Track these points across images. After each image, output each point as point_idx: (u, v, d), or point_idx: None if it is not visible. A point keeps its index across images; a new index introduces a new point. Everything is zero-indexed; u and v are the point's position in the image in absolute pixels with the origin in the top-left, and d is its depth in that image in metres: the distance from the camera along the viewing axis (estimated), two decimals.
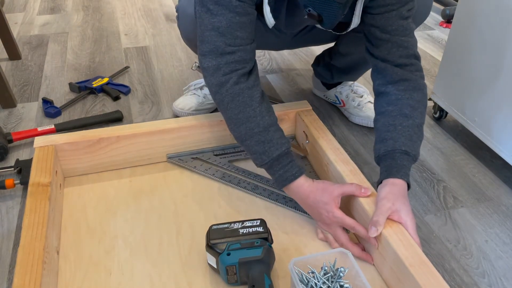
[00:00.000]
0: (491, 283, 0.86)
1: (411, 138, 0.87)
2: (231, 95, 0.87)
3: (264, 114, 0.88)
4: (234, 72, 0.87)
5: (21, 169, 1.10)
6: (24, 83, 1.56)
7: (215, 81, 0.88)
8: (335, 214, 0.82)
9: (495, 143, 1.11)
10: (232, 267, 0.74)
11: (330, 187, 0.84)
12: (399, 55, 0.92)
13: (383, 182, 0.84)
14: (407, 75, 0.92)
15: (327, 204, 0.83)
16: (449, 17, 2.04)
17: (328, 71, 1.35)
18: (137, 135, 1.02)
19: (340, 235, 0.84)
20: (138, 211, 0.94)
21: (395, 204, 0.79)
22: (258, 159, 0.89)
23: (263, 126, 0.87)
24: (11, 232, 0.96)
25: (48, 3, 2.35)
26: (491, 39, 1.08)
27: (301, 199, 0.88)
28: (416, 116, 0.90)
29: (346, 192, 0.84)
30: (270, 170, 0.89)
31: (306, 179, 0.87)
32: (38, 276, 0.68)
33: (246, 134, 0.88)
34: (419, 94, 0.93)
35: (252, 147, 0.88)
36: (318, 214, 0.86)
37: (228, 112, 0.89)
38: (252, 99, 0.88)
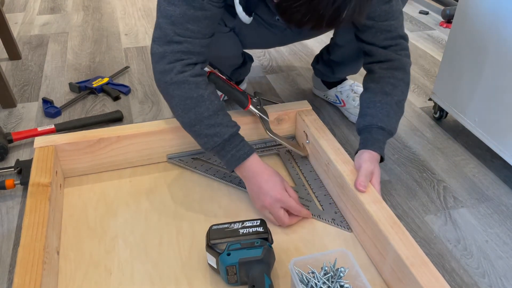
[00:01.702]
0: (491, 283, 0.86)
1: (388, 115, 0.95)
2: (175, 83, 0.89)
3: (213, 99, 0.91)
4: (178, 61, 0.88)
5: (21, 170, 1.10)
6: (24, 83, 1.56)
7: (159, 68, 0.89)
8: (286, 193, 0.88)
9: (495, 143, 1.11)
10: (232, 267, 0.74)
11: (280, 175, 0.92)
12: (383, 38, 0.98)
13: (359, 152, 0.93)
14: (391, 55, 0.99)
15: (281, 183, 0.89)
16: (449, 17, 2.04)
17: (328, 67, 1.35)
18: (137, 135, 1.02)
19: (282, 215, 0.88)
20: (138, 211, 0.94)
21: (375, 168, 0.89)
22: (209, 142, 0.90)
23: (212, 110, 0.89)
24: (11, 232, 0.96)
25: (48, 3, 2.35)
26: (491, 39, 1.08)
27: (253, 176, 0.90)
28: (395, 94, 0.97)
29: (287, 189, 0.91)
30: (222, 152, 0.91)
31: (258, 158, 0.91)
32: (38, 276, 0.68)
33: (196, 119, 0.89)
34: (400, 72, 0.99)
35: (203, 131, 0.90)
36: (264, 193, 0.88)
37: (174, 100, 0.90)
38: (198, 86, 0.89)
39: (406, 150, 1.23)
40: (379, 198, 0.83)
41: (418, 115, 1.39)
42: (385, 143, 0.95)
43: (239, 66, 1.32)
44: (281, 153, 1.11)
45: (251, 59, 1.40)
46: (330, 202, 0.96)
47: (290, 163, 1.08)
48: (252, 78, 1.60)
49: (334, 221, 0.91)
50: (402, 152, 1.22)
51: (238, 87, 1.06)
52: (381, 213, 0.80)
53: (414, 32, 2.01)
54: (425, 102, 1.46)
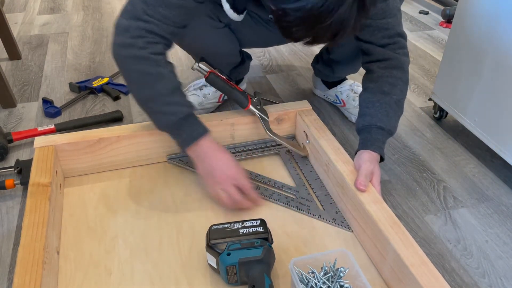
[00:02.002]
0: (491, 283, 0.86)
1: (387, 114, 0.95)
2: (135, 58, 0.88)
3: (172, 77, 0.91)
4: (141, 38, 0.88)
5: (21, 169, 1.10)
6: (24, 83, 1.56)
7: (121, 41, 0.89)
8: (240, 171, 0.91)
9: (495, 143, 1.11)
10: (232, 267, 0.74)
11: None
12: (381, 36, 0.98)
13: (359, 152, 0.93)
14: (389, 54, 0.99)
15: (235, 163, 0.92)
16: (449, 17, 2.04)
17: (328, 67, 1.35)
18: (137, 135, 1.02)
19: (235, 193, 0.90)
20: (138, 211, 0.94)
21: (374, 168, 0.90)
22: (163, 120, 0.91)
23: (170, 89, 0.90)
24: (11, 232, 0.96)
25: (48, 3, 2.35)
26: (491, 39, 1.08)
27: (207, 153, 0.91)
28: (394, 93, 0.97)
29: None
30: (177, 130, 0.91)
31: (211, 138, 0.93)
32: (38, 276, 0.68)
33: (152, 95, 0.89)
34: (399, 71, 0.99)
35: (158, 108, 0.90)
36: (219, 169, 0.90)
37: (132, 75, 0.90)
38: (158, 63, 0.89)
39: (406, 150, 1.23)
40: (379, 198, 0.83)
41: (418, 115, 1.39)
42: (384, 143, 0.95)
43: (237, 65, 1.32)
44: (281, 153, 1.11)
45: (250, 58, 1.40)
46: (331, 202, 0.96)
47: (290, 163, 1.08)
48: (252, 78, 1.60)
49: (335, 221, 0.91)
50: (402, 152, 1.22)
51: (238, 87, 1.06)
52: (381, 213, 0.80)
53: (414, 32, 2.01)
54: (425, 102, 1.46)
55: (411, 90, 1.53)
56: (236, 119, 1.08)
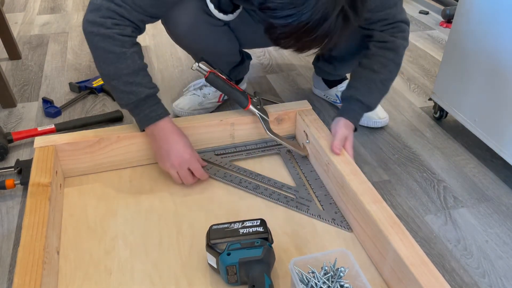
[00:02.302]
0: (491, 283, 0.86)
1: (370, 90, 1.02)
2: (102, 36, 0.90)
3: (136, 58, 0.93)
4: (111, 19, 0.90)
5: (21, 169, 1.10)
6: (24, 83, 1.56)
7: (91, 18, 0.91)
8: (193, 153, 0.96)
9: (495, 143, 1.11)
10: (232, 267, 0.74)
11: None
12: (381, 25, 1.02)
13: (336, 119, 1.02)
14: (387, 37, 1.03)
15: (191, 146, 0.96)
16: (449, 17, 2.04)
17: (329, 64, 1.34)
18: (137, 135, 1.02)
19: (188, 175, 0.96)
20: (138, 211, 0.94)
21: (349, 134, 0.98)
22: (124, 98, 0.94)
23: (133, 69, 0.92)
24: (11, 232, 0.96)
25: (48, 3, 2.35)
26: (491, 39, 1.08)
27: (164, 135, 0.95)
28: (382, 72, 1.02)
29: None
30: (136, 110, 0.95)
31: (171, 121, 0.97)
32: (38, 276, 0.68)
33: (115, 74, 0.92)
34: (392, 53, 1.03)
35: (120, 87, 0.93)
36: (175, 152, 0.94)
37: (97, 51, 0.92)
38: (123, 44, 0.91)
39: (406, 150, 1.23)
40: (379, 198, 0.83)
41: (418, 115, 1.39)
42: (361, 115, 1.04)
43: (237, 64, 1.32)
44: (282, 152, 1.11)
45: (249, 57, 1.40)
46: (331, 202, 0.96)
47: (290, 163, 1.08)
48: (252, 78, 1.60)
49: (335, 221, 0.91)
50: (402, 152, 1.22)
51: (238, 87, 1.06)
52: (381, 213, 0.80)
53: (414, 32, 2.01)
54: (425, 102, 1.46)
55: (411, 90, 1.53)
56: (236, 119, 1.08)
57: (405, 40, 1.04)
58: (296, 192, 0.99)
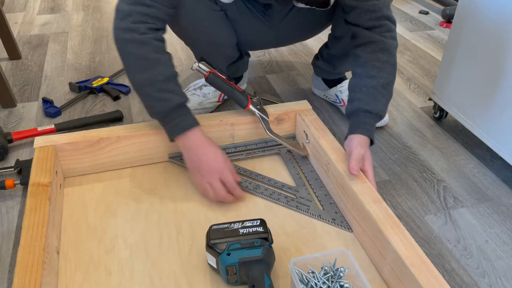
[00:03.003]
0: (491, 283, 0.86)
1: (374, 98, 0.96)
2: (136, 42, 0.89)
3: (169, 65, 0.92)
4: (143, 23, 0.90)
5: (21, 169, 1.10)
6: (24, 83, 1.56)
7: (123, 25, 0.90)
8: (226, 166, 0.92)
9: (495, 143, 1.11)
10: (232, 267, 0.74)
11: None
12: (367, 18, 0.99)
13: (348, 137, 0.94)
14: (375, 37, 0.99)
15: (224, 156, 0.93)
16: (449, 17, 2.05)
17: (328, 63, 1.34)
18: (137, 135, 1.02)
19: (220, 188, 0.91)
20: (138, 211, 0.94)
21: (366, 152, 0.90)
22: (155, 106, 0.92)
23: (166, 76, 0.91)
24: (11, 232, 0.96)
25: (48, 3, 2.35)
26: (491, 39, 1.08)
27: (196, 146, 0.92)
28: (381, 76, 0.97)
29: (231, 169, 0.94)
30: (167, 118, 0.92)
31: (201, 131, 0.94)
32: (38, 276, 0.68)
33: (148, 81, 0.90)
34: (385, 54, 0.99)
35: (152, 94, 0.91)
36: (207, 162, 0.91)
37: (130, 58, 0.91)
38: (157, 50, 0.91)
39: (406, 150, 1.23)
40: (379, 198, 0.83)
41: (418, 115, 1.39)
42: (373, 126, 0.96)
43: (236, 60, 1.32)
44: (282, 152, 1.11)
45: (248, 54, 1.40)
46: (331, 202, 0.96)
47: (291, 163, 1.08)
48: (252, 78, 1.60)
49: (335, 221, 0.91)
50: (402, 152, 1.22)
51: (238, 86, 1.06)
52: (381, 213, 0.80)
53: (414, 32, 2.01)
54: (425, 102, 1.46)
55: (411, 90, 1.53)
56: (236, 119, 1.08)
57: (394, 40, 1.01)
58: (296, 192, 0.99)
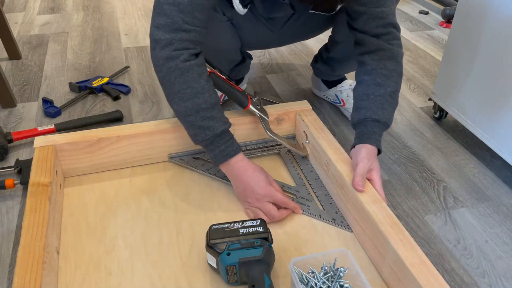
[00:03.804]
0: (491, 283, 0.86)
1: (382, 107, 0.95)
2: (180, 70, 0.88)
3: (212, 92, 0.91)
4: (185, 50, 0.88)
5: (21, 169, 1.10)
6: (24, 83, 1.56)
7: (165, 54, 0.88)
8: (272, 187, 0.89)
9: (495, 143, 1.11)
10: (232, 267, 0.74)
11: (265, 171, 0.93)
12: (375, 25, 0.98)
13: (356, 147, 0.93)
14: (382, 44, 0.98)
15: (266, 179, 0.90)
16: (449, 17, 2.05)
17: (328, 66, 1.35)
18: (137, 135, 1.02)
19: (271, 209, 0.89)
20: (138, 211, 0.94)
21: (372, 164, 0.89)
22: (201, 134, 0.91)
23: (210, 103, 0.90)
24: (11, 232, 0.96)
25: (48, 3, 2.35)
26: (491, 39, 1.08)
27: (238, 173, 0.91)
28: (388, 85, 0.96)
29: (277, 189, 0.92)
30: (211, 146, 0.91)
31: (243, 156, 0.93)
32: (38, 276, 0.68)
33: (193, 109, 0.89)
34: (392, 63, 0.98)
35: (197, 122, 0.90)
36: (250, 189, 0.90)
37: (174, 87, 0.89)
38: (200, 76, 0.90)
39: (406, 150, 1.23)
40: (379, 198, 0.83)
41: (418, 115, 1.39)
42: (381, 135, 0.94)
43: (238, 63, 1.32)
44: (282, 153, 1.11)
45: (250, 57, 1.40)
46: (331, 202, 0.96)
47: (291, 163, 1.08)
48: (252, 78, 1.60)
49: (335, 221, 0.91)
50: (402, 152, 1.22)
51: (238, 87, 1.06)
52: (381, 213, 0.80)
53: (414, 32, 2.01)
54: (425, 102, 1.46)
55: (411, 90, 1.53)
56: (236, 119, 1.08)
57: (400, 48, 1.01)
58: (296, 192, 0.99)
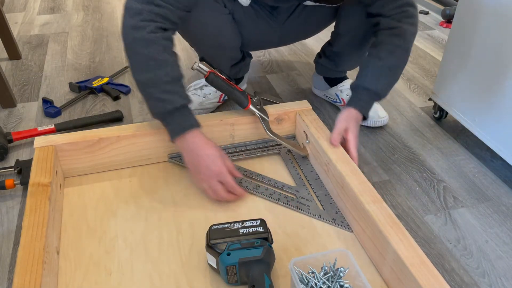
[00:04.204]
0: (491, 283, 0.86)
1: (377, 78, 1.02)
2: (145, 41, 0.88)
3: (175, 66, 0.92)
4: (153, 22, 0.89)
5: (21, 169, 1.10)
6: (24, 83, 1.56)
7: (132, 23, 0.89)
8: (225, 168, 0.91)
9: (495, 143, 1.11)
10: (232, 267, 0.74)
11: (221, 150, 0.94)
12: (390, 8, 1.03)
13: (342, 109, 1.02)
14: (394, 23, 1.03)
15: (221, 157, 0.92)
16: (449, 17, 2.05)
17: (331, 61, 1.35)
18: (137, 135, 1.02)
19: (220, 189, 0.91)
20: (138, 211, 0.94)
21: (349, 124, 0.98)
22: (158, 106, 0.92)
23: (171, 77, 0.90)
24: (11, 232, 0.96)
25: (48, 3, 2.35)
26: (491, 39, 1.08)
27: (194, 148, 0.92)
28: (390, 59, 1.02)
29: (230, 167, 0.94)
30: (169, 119, 0.92)
31: (201, 132, 0.93)
32: (38, 276, 0.68)
33: (154, 81, 0.90)
34: (399, 39, 1.03)
35: (156, 94, 0.91)
36: (204, 166, 0.91)
37: (138, 57, 0.90)
38: (165, 49, 0.90)
39: (406, 150, 1.23)
40: (379, 198, 0.83)
41: (418, 115, 1.39)
42: (368, 103, 1.03)
43: (238, 61, 1.32)
44: (282, 153, 1.11)
45: (250, 56, 1.40)
46: (331, 202, 0.96)
47: (291, 162, 1.08)
48: (252, 78, 1.60)
49: (335, 221, 0.91)
50: (402, 152, 1.22)
51: (238, 86, 1.06)
52: (381, 213, 0.80)
53: None
54: (425, 102, 1.46)
55: (411, 90, 1.53)
56: (236, 119, 1.08)
57: (412, 26, 1.04)
58: (296, 192, 0.99)
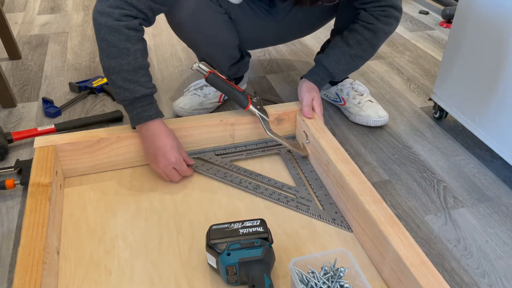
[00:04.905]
0: (491, 283, 0.86)
1: (338, 60, 1.12)
2: (109, 28, 0.91)
3: (138, 56, 0.93)
4: (119, 9, 0.91)
5: (21, 169, 1.10)
6: (24, 83, 1.56)
7: (100, 8, 0.91)
8: (181, 157, 0.97)
9: (495, 143, 1.11)
10: (232, 267, 0.74)
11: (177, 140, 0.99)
12: (373, 5, 1.09)
13: (301, 80, 1.15)
14: (371, 19, 1.10)
15: (177, 147, 0.97)
16: (449, 17, 2.04)
17: None
18: (137, 135, 1.02)
19: (175, 175, 0.98)
20: (138, 211, 0.94)
21: (313, 95, 1.10)
22: (120, 94, 0.95)
23: (133, 66, 0.93)
24: (11, 232, 0.96)
25: (48, 3, 2.35)
26: (491, 39, 1.08)
27: (153, 136, 0.96)
28: (355, 48, 1.11)
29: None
30: (130, 107, 0.96)
31: (162, 123, 0.97)
32: (38, 276, 0.68)
33: (115, 68, 0.92)
34: (370, 33, 1.11)
35: (118, 82, 0.93)
36: (162, 154, 0.95)
37: (102, 43, 0.93)
38: (128, 39, 0.92)
39: (406, 150, 1.23)
40: (379, 198, 0.83)
41: (418, 115, 1.39)
42: (324, 80, 1.15)
43: (237, 61, 1.32)
44: (282, 153, 1.11)
45: (249, 55, 1.40)
46: (331, 202, 0.96)
47: (291, 163, 1.08)
48: (252, 78, 1.60)
49: (335, 221, 0.91)
50: (402, 152, 1.22)
51: (238, 87, 1.06)
52: (381, 213, 0.80)
53: (414, 32, 2.01)
54: (425, 102, 1.46)
55: (411, 90, 1.53)
56: (236, 119, 1.08)
57: (387, 25, 1.09)
58: (296, 192, 0.99)
